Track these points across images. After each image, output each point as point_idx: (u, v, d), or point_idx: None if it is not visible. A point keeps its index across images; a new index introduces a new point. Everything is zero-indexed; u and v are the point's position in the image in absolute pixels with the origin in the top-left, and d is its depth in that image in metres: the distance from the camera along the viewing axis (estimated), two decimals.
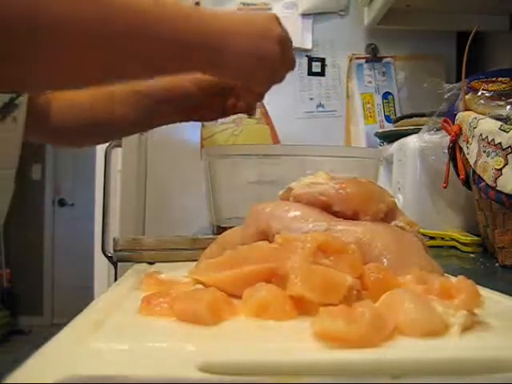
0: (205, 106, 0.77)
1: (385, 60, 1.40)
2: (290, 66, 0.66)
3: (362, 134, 1.39)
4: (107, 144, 1.09)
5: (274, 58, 0.61)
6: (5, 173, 0.74)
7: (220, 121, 1.22)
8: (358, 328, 0.24)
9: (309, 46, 1.39)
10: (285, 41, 0.62)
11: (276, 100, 0.71)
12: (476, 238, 0.75)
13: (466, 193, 0.82)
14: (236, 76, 0.63)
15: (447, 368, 0.22)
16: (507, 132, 0.61)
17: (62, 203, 4.11)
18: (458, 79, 0.85)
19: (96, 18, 0.48)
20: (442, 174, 0.80)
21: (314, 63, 1.40)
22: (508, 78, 0.73)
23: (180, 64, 0.59)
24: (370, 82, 1.41)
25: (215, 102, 0.76)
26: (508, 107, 0.69)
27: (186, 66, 0.60)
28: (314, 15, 1.39)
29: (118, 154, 1.39)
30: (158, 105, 0.78)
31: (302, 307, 0.29)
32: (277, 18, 0.63)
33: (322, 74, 1.41)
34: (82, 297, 0.94)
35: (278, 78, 0.66)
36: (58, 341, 0.24)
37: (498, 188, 0.61)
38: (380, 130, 1.22)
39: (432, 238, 0.81)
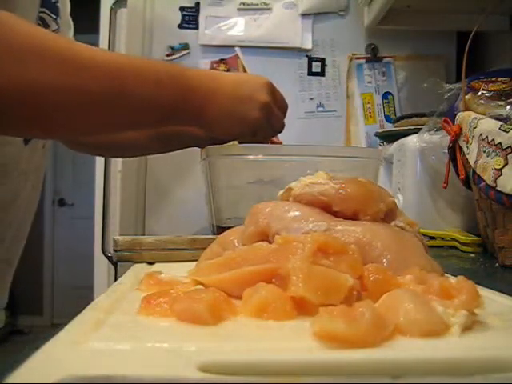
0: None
1: (385, 60, 1.40)
2: (277, 129, 0.70)
3: (361, 134, 1.39)
4: None
5: (253, 121, 0.65)
6: (37, 194, 0.76)
7: None
8: (358, 328, 0.24)
9: (309, 46, 1.39)
10: (269, 107, 0.66)
11: None
12: (476, 238, 0.75)
13: (466, 193, 0.82)
14: (220, 133, 0.67)
15: (447, 368, 0.22)
16: (507, 132, 0.61)
17: (61, 203, 4.11)
18: (458, 79, 0.85)
19: (76, 84, 0.49)
20: (442, 174, 0.80)
21: (314, 63, 1.40)
22: (508, 78, 0.73)
23: (165, 122, 0.62)
24: (369, 82, 1.41)
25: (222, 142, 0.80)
26: (508, 107, 0.69)
27: (170, 123, 0.64)
28: (314, 15, 1.39)
29: None
30: (167, 139, 0.82)
31: (302, 307, 0.29)
32: (268, 85, 0.66)
33: (322, 74, 1.41)
34: (82, 297, 0.94)
35: (261, 138, 0.70)
36: (58, 341, 0.24)
37: (498, 188, 0.61)
38: (380, 130, 1.22)
39: (432, 237, 0.81)
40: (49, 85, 0.47)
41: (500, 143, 0.62)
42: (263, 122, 0.66)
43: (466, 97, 0.75)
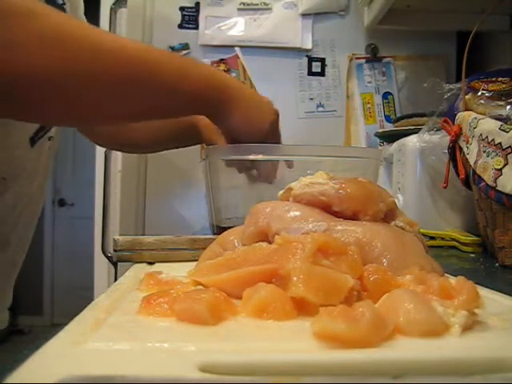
0: None
1: (385, 60, 1.40)
2: (276, 141, 0.73)
3: (361, 134, 1.39)
4: None
5: (265, 132, 0.67)
6: (43, 195, 0.76)
7: None
8: (358, 328, 0.24)
9: (309, 46, 1.39)
10: (276, 122, 0.69)
11: (276, 100, 0.71)
12: (476, 238, 0.75)
13: (466, 193, 0.82)
14: (235, 134, 0.67)
15: (447, 368, 0.22)
16: (507, 132, 0.61)
17: (61, 203, 4.11)
18: (458, 79, 0.85)
19: (97, 69, 0.49)
20: (442, 174, 0.80)
21: (314, 63, 1.40)
22: (508, 78, 0.73)
23: (186, 109, 0.62)
24: (369, 82, 1.41)
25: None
26: (508, 107, 0.69)
27: (191, 110, 0.64)
28: (314, 15, 1.39)
29: (118, 154, 1.39)
30: (176, 138, 0.82)
31: (303, 308, 0.29)
32: (271, 103, 0.70)
33: (322, 73, 1.41)
34: (82, 297, 0.94)
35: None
36: (58, 341, 0.24)
37: (498, 188, 0.61)
38: (380, 130, 1.22)
39: (432, 238, 0.81)
40: (67, 71, 0.47)
41: (500, 143, 0.62)
42: (269, 132, 0.67)
43: (466, 97, 0.75)
